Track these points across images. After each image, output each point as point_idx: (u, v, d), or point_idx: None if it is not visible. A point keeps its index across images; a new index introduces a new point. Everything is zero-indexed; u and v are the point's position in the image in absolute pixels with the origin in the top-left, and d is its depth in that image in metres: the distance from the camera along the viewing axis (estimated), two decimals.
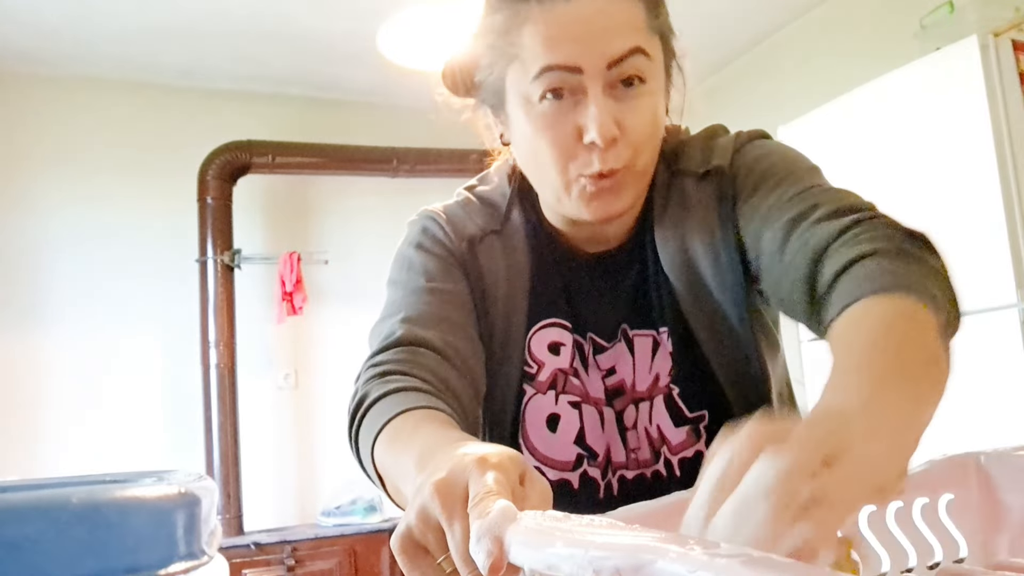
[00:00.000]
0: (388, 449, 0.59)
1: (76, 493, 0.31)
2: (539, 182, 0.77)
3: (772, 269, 0.69)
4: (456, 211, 0.85)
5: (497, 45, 0.73)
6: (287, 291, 3.53)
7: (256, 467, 3.47)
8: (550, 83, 0.69)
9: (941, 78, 2.28)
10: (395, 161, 3.64)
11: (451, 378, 0.71)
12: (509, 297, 0.81)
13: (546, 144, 0.71)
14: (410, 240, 0.84)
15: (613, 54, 0.68)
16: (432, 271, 0.80)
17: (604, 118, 0.68)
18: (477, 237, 0.82)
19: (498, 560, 0.36)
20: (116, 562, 0.32)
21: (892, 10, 2.83)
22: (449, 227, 0.83)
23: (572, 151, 0.71)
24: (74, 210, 3.42)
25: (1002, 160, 2.13)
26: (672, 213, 0.80)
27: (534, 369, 0.81)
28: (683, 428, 0.79)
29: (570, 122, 0.70)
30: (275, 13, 3.03)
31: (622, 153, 0.70)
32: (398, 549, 0.43)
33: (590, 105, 0.68)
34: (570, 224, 0.81)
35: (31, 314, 3.32)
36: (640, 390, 0.81)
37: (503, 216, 0.84)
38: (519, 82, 0.72)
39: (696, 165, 0.80)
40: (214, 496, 0.42)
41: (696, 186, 0.79)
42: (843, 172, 2.83)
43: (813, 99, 2.78)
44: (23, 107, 3.40)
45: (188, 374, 3.41)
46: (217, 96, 3.69)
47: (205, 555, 0.38)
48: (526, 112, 0.72)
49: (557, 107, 0.70)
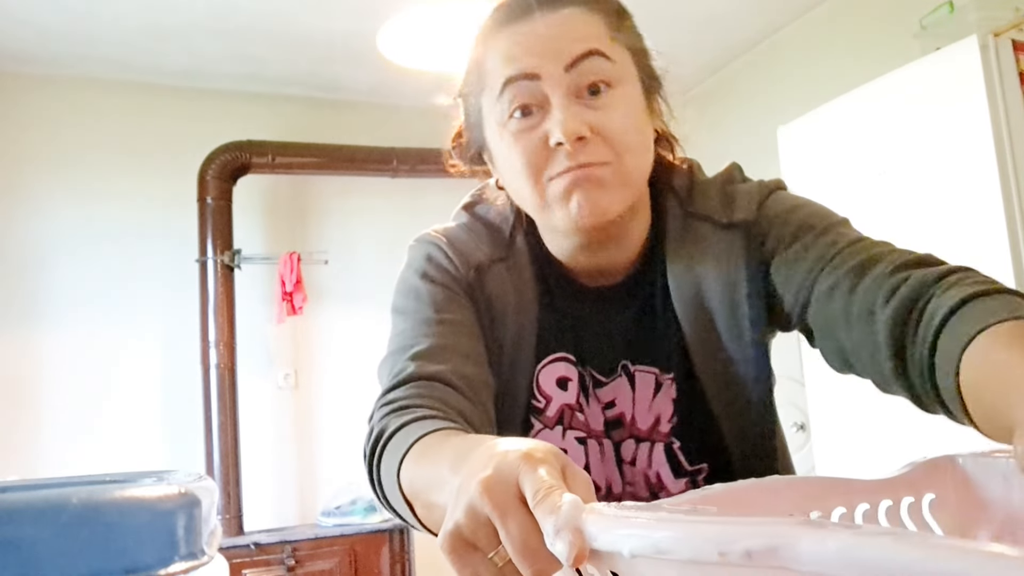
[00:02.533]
0: (417, 465, 0.58)
1: (76, 493, 0.32)
2: (523, 202, 0.76)
3: (834, 312, 0.67)
4: (460, 236, 0.84)
5: (472, 80, 0.76)
6: (287, 291, 3.53)
7: (256, 467, 3.47)
8: (514, 96, 0.70)
9: (941, 78, 2.28)
10: (395, 161, 3.63)
11: (465, 409, 0.70)
12: (518, 328, 0.80)
13: (518, 156, 0.71)
14: (415, 268, 0.82)
15: (568, 56, 0.69)
16: (440, 302, 0.79)
17: (566, 116, 0.68)
18: (484, 265, 0.81)
19: (582, 550, 0.37)
20: (116, 562, 0.32)
21: (892, 10, 2.83)
22: (454, 255, 0.81)
23: (542, 158, 0.71)
24: (74, 210, 3.42)
25: (1002, 160, 2.13)
26: (688, 255, 0.78)
27: (542, 404, 0.81)
28: (682, 479, 0.79)
29: (539, 133, 0.70)
30: (275, 13, 3.03)
31: (599, 149, 0.70)
32: (447, 548, 0.43)
33: (553, 110, 0.69)
34: (572, 254, 0.80)
35: (31, 314, 3.32)
36: (640, 428, 0.80)
37: (507, 241, 0.83)
38: (491, 108, 0.73)
39: (716, 212, 0.79)
40: (214, 496, 0.43)
41: (717, 235, 0.78)
42: (843, 172, 2.84)
43: (813, 99, 2.78)
44: (23, 107, 3.40)
45: (188, 374, 3.41)
46: (217, 96, 3.69)
47: (205, 555, 0.38)
48: (500, 134, 0.73)
49: (525, 122, 0.71)
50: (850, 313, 0.65)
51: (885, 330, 0.60)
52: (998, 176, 2.12)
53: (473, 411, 0.71)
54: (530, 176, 0.71)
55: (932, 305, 0.57)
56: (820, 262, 0.70)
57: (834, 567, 0.26)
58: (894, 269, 0.63)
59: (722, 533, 0.30)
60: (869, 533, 0.26)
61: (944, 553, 0.24)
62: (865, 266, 0.65)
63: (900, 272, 0.62)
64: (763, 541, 0.28)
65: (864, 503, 0.55)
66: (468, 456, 0.48)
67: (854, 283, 0.65)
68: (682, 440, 0.79)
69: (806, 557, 0.27)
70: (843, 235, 0.71)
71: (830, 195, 2.68)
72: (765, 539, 0.28)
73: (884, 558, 0.25)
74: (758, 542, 0.29)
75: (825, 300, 0.68)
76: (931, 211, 2.25)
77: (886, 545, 0.25)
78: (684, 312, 0.77)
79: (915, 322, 0.59)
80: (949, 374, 0.52)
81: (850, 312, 0.65)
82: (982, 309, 0.53)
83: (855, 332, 0.64)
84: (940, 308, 0.56)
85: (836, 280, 0.67)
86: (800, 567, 0.27)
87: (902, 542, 0.25)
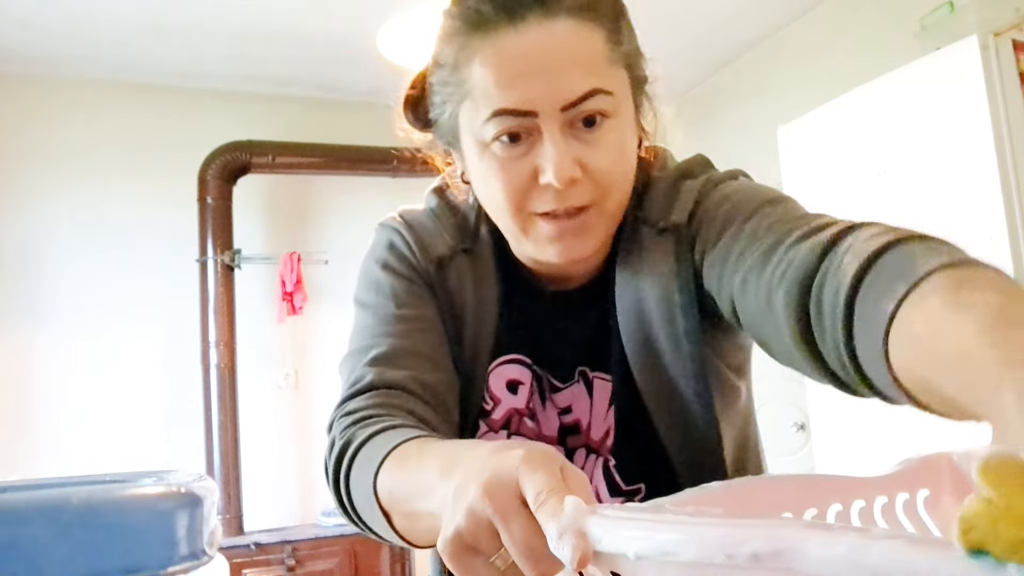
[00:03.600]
0: (397, 474, 0.56)
1: (76, 493, 0.32)
2: (498, 222, 0.72)
3: (749, 306, 0.61)
4: (425, 223, 0.81)
5: (449, 81, 0.68)
6: (287, 291, 3.53)
7: (256, 467, 3.48)
8: (503, 127, 0.64)
9: (941, 78, 2.28)
10: (395, 161, 3.63)
11: (429, 418, 0.69)
12: (477, 325, 0.77)
13: (500, 187, 0.66)
14: (376, 256, 0.81)
15: (568, 97, 0.63)
16: (401, 295, 0.76)
17: (561, 159, 0.63)
18: (446, 257, 0.78)
19: (585, 553, 0.37)
20: (116, 562, 0.32)
21: (892, 10, 2.83)
22: (416, 245, 0.79)
23: (527, 193, 0.66)
24: (74, 210, 3.42)
25: (1002, 160, 2.13)
26: (632, 264, 0.74)
27: (490, 406, 0.78)
28: (617, 499, 0.77)
29: (526, 164, 0.65)
30: (275, 13, 3.03)
31: (586, 191, 0.66)
32: (448, 553, 0.43)
33: (546, 145, 0.64)
34: (536, 262, 0.76)
35: (31, 314, 3.32)
36: (594, 437, 0.78)
37: (473, 231, 0.80)
38: (471, 122, 0.67)
39: (656, 215, 0.74)
40: (214, 496, 0.43)
41: (654, 240, 0.73)
42: (843, 172, 2.84)
43: (813, 99, 2.78)
44: (23, 107, 3.40)
45: (188, 374, 3.41)
46: (217, 96, 3.69)
47: (205, 555, 0.38)
48: (480, 153, 0.67)
49: (512, 150, 0.65)
50: (758, 304, 0.59)
51: (784, 316, 0.55)
52: (998, 176, 2.12)
53: (435, 418, 0.70)
54: (511, 208, 0.67)
55: (831, 277, 0.50)
56: (739, 256, 0.64)
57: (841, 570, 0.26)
58: (787, 247, 0.57)
59: (729, 535, 0.30)
60: (877, 536, 0.26)
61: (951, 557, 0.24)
62: (770, 250, 0.59)
63: (793, 247, 0.56)
64: (770, 544, 0.28)
65: (860, 500, 0.55)
66: (460, 460, 0.47)
67: (760, 271, 0.59)
68: (619, 459, 0.77)
69: (813, 560, 0.27)
70: (763, 220, 0.64)
71: (830, 195, 2.69)
72: (772, 542, 0.28)
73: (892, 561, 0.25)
74: (765, 545, 0.28)
75: (740, 296, 0.63)
76: (931, 211, 2.25)
77: (894, 548, 0.25)
78: (624, 323, 0.74)
79: (816, 305, 0.52)
80: (876, 362, 0.44)
81: (758, 303, 0.59)
82: (891, 268, 0.45)
83: (766, 324, 0.59)
84: (842, 279, 0.48)
85: (746, 272, 0.61)
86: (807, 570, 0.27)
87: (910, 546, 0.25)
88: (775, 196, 0.68)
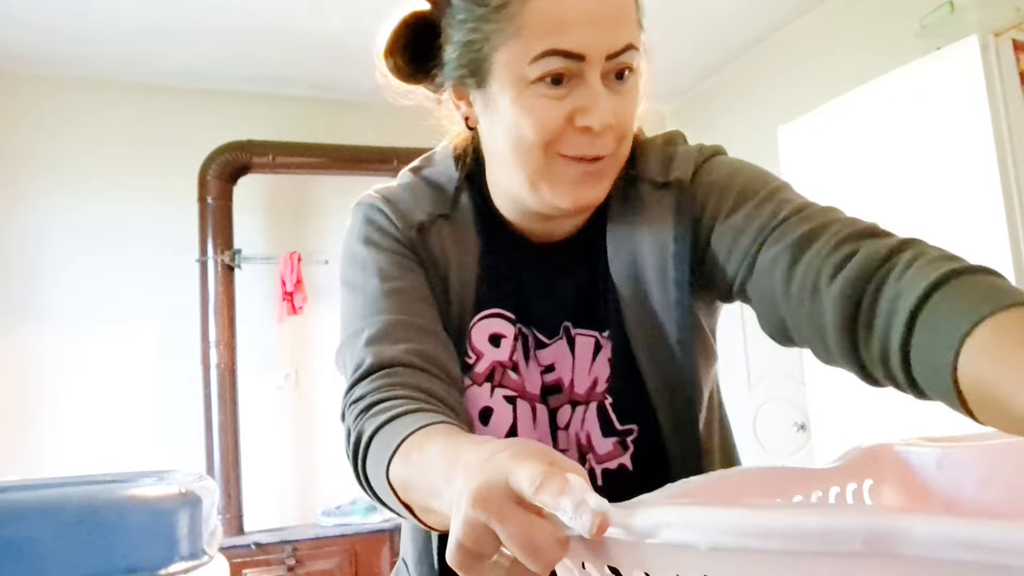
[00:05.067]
0: (407, 472, 0.57)
1: (76, 493, 0.32)
2: (514, 165, 0.73)
3: (777, 282, 0.66)
4: (401, 196, 0.82)
5: (491, 19, 0.69)
6: (287, 291, 3.53)
7: (256, 467, 3.48)
8: (551, 67, 0.67)
9: (941, 78, 2.28)
10: (395, 161, 3.64)
11: (435, 388, 0.70)
12: (460, 284, 0.79)
13: (534, 124, 0.69)
14: (356, 234, 0.81)
15: (614, 46, 0.68)
16: (386, 268, 0.77)
17: (604, 104, 0.68)
18: (426, 223, 0.80)
19: (605, 519, 0.37)
20: (116, 562, 0.32)
21: (892, 10, 2.83)
22: (395, 215, 0.80)
23: (559, 135, 0.69)
24: (74, 210, 3.42)
25: (1002, 160, 2.13)
26: (627, 219, 0.79)
27: (472, 360, 0.78)
28: (610, 439, 0.78)
29: (563, 107, 0.69)
30: (275, 13, 3.03)
31: (608, 140, 0.70)
32: (457, 565, 0.44)
33: (591, 92, 0.68)
34: (521, 214, 0.79)
35: (31, 314, 3.32)
36: (578, 392, 0.80)
37: (451, 200, 0.82)
38: (514, 61, 0.69)
39: (655, 172, 0.79)
40: (214, 496, 0.43)
41: (653, 194, 0.78)
42: (843, 172, 2.84)
43: (813, 99, 2.78)
44: (23, 107, 3.40)
45: (188, 374, 3.41)
46: (217, 96, 3.69)
47: (205, 555, 0.38)
48: (517, 91, 0.69)
49: (553, 91, 0.68)
50: (791, 286, 0.64)
51: (833, 308, 0.59)
52: (998, 176, 2.12)
53: (442, 387, 0.71)
54: (540, 145, 0.70)
55: (890, 288, 0.56)
56: (763, 232, 0.69)
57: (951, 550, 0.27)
58: (838, 242, 0.62)
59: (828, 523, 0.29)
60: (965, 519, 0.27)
61: None
62: (809, 238, 0.65)
63: (846, 246, 0.62)
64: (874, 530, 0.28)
65: (818, 490, 0.57)
66: (456, 465, 0.48)
67: (796, 255, 0.65)
68: (615, 397, 0.78)
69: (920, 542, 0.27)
70: (786, 202, 0.70)
71: (830, 195, 2.68)
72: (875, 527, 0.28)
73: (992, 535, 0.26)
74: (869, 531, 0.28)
75: (767, 272, 0.67)
76: (931, 211, 2.26)
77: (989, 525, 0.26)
78: (620, 276, 0.78)
79: (870, 304, 0.57)
80: (942, 372, 0.50)
81: (791, 285, 0.64)
82: (961, 296, 0.51)
83: (798, 307, 0.64)
84: (905, 293, 0.54)
85: (778, 252, 0.66)
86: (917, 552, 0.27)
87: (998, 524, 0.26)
88: (782, 181, 0.76)
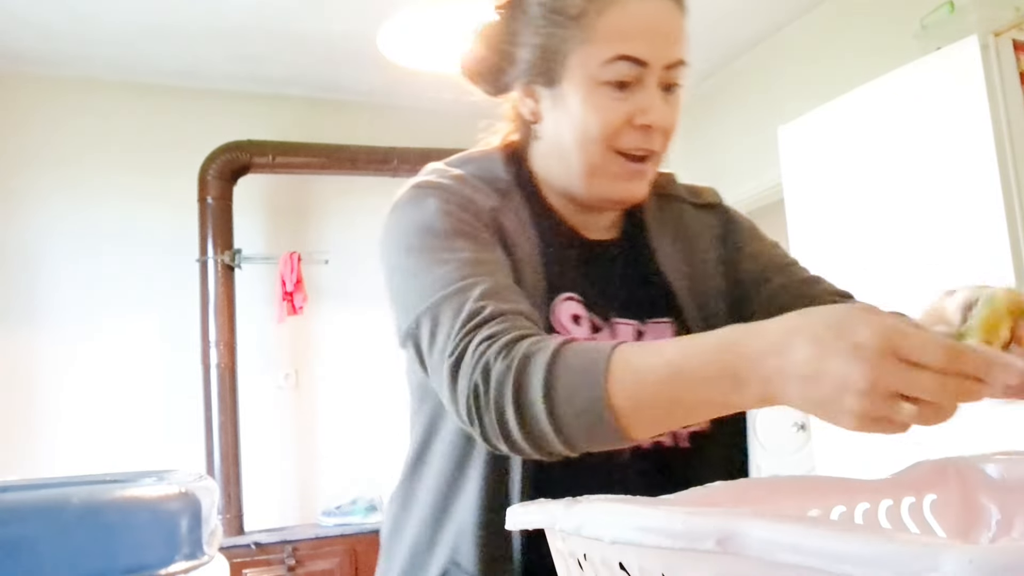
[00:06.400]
0: (663, 377, 0.58)
1: (76, 493, 0.32)
2: (576, 156, 0.82)
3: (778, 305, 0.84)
4: (460, 187, 0.82)
5: (568, 26, 0.80)
6: (287, 291, 3.53)
7: (256, 467, 3.47)
8: (619, 71, 0.78)
9: (941, 78, 2.28)
10: (395, 161, 3.63)
11: None
12: (530, 268, 0.81)
13: (598, 120, 0.79)
14: (435, 210, 0.79)
15: (671, 58, 0.79)
16: (473, 240, 0.77)
17: (663, 106, 0.79)
18: (495, 207, 0.83)
19: None
20: (116, 562, 0.32)
21: (892, 10, 2.83)
22: (468, 198, 0.81)
23: (618, 131, 0.79)
24: (74, 210, 3.42)
25: (1002, 160, 2.13)
26: (669, 226, 0.92)
27: None
28: None
29: (624, 108, 0.79)
30: (275, 13, 3.03)
31: (657, 140, 0.81)
32: (870, 414, 0.47)
33: (650, 95, 0.79)
34: (568, 206, 0.88)
35: (31, 314, 3.32)
36: None
37: (504, 190, 0.85)
38: (586, 64, 0.79)
39: (686, 195, 0.96)
40: (214, 496, 0.43)
41: (691, 213, 0.94)
42: (843, 172, 2.83)
43: (813, 99, 2.78)
44: (23, 107, 3.40)
45: (188, 374, 3.41)
46: (217, 96, 3.69)
47: (205, 555, 0.38)
48: (587, 91, 0.79)
49: (617, 93, 0.79)
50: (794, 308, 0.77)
51: None
52: (998, 176, 2.12)
53: None
54: (601, 140, 0.80)
55: None
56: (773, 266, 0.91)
57: (783, 553, 0.30)
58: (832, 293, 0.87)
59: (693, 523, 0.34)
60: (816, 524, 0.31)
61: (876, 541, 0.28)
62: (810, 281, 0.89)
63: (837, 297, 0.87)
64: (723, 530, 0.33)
65: (865, 502, 0.56)
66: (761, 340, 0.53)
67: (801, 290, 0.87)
68: None
69: (757, 544, 0.31)
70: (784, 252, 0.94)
71: (830, 195, 2.69)
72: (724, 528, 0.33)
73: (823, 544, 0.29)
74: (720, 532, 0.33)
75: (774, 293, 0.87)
76: (931, 211, 2.25)
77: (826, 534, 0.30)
78: (670, 270, 0.89)
79: None
80: None
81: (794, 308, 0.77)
82: None
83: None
84: None
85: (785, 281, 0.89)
86: (754, 553, 0.31)
87: (841, 532, 0.29)
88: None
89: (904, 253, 2.28)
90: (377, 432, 3.69)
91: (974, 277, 0.67)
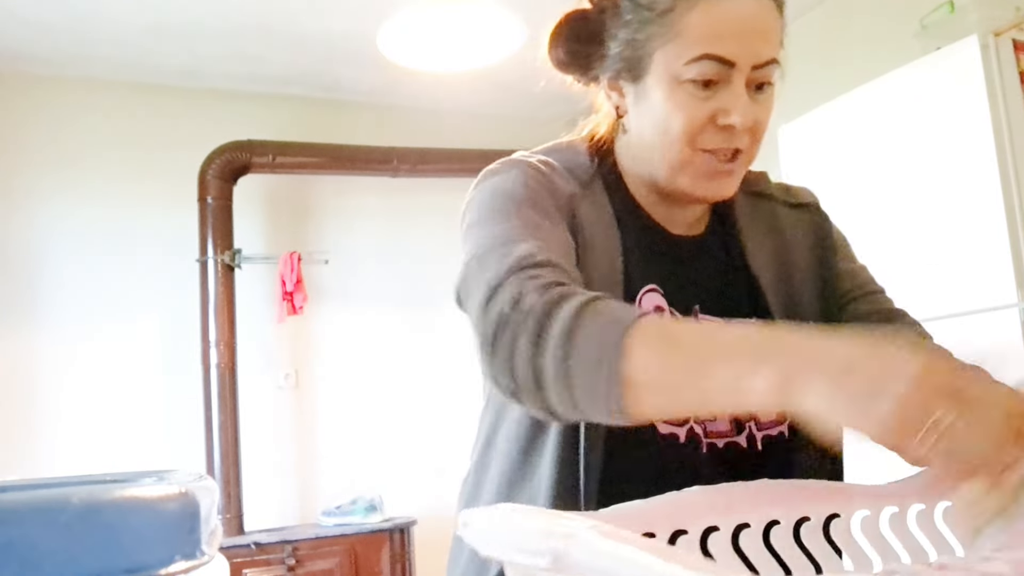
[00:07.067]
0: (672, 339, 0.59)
1: (76, 493, 0.32)
2: (660, 153, 0.81)
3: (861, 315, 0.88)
4: (541, 167, 0.84)
5: (655, 22, 0.78)
6: (287, 291, 3.53)
7: (256, 467, 3.48)
8: (704, 71, 0.76)
9: (941, 78, 2.28)
10: (395, 161, 3.63)
11: None
12: (609, 259, 0.81)
13: (682, 119, 0.78)
14: (509, 178, 0.82)
15: (760, 58, 0.77)
16: (538, 214, 0.78)
17: (747, 106, 0.77)
18: (577, 194, 0.84)
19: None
20: (116, 562, 0.32)
21: (892, 10, 2.83)
22: (551, 180, 0.83)
23: (702, 130, 0.78)
24: (74, 210, 3.42)
25: (1002, 160, 2.13)
26: (761, 224, 0.91)
27: None
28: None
29: (708, 106, 0.77)
30: (275, 13, 3.03)
31: (744, 139, 0.79)
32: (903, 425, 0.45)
33: (735, 95, 0.77)
34: (652, 200, 0.87)
35: (31, 314, 3.32)
36: None
37: (587, 180, 0.86)
38: (671, 61, 0.77)
39: (779, 194, 0.95)
40: (214, 496, 0.42)
41: (786, 211, 0.93)
42: (843, 172, 2.83)
43: (813, 99, 2.78)
44: (23, 107, 3.40)
45: (188, 374, 3.41)
46: (217, 96, 3.69)
47: (205, 555, 0.38)
48: (670, 88, 0.78)
49: (701, 92, 0.77)
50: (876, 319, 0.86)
51: None
52: (998, 176, 2.12)
53: None
54: (684, 138, 0.78)
55: None
56: (862, 291, 0.91)
57: None
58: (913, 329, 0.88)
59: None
60: None
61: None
62: (895, 315, 0.89)
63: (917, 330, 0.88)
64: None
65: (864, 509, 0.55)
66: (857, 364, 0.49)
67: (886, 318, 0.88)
68: None
69: None
70: (873, 277, 0.93)
71: (830, 194, 2.68)
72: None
73: None
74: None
75: (856, 318, 0.88)
76: (931, 211, 2.25)
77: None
78: (761, 268, 0.88)
79: None
80: None
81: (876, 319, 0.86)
82: None
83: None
84: None
85: (870, 309, 0.89)
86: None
87: None
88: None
89: (904, 253, 2.28)
90: (377, 432, 3.70)
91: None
